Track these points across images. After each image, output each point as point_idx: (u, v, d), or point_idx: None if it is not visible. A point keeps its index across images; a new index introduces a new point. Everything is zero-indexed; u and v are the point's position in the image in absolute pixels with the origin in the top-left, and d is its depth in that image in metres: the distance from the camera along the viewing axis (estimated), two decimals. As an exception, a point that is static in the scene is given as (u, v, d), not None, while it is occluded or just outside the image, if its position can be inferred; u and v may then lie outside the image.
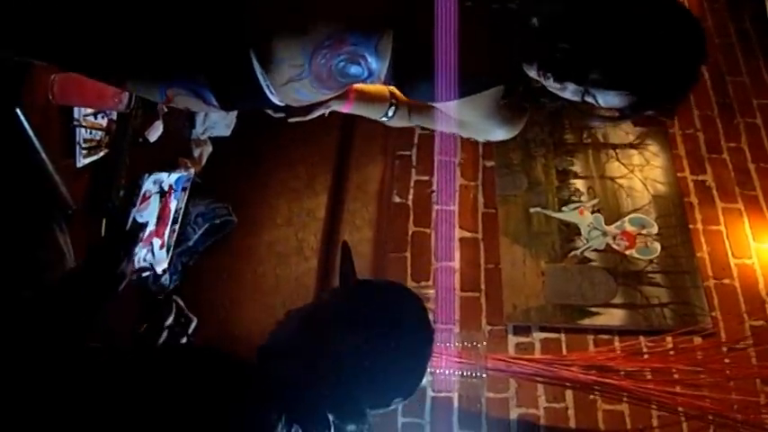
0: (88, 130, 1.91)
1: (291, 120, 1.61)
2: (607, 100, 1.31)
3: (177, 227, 2.21)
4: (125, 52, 1.42)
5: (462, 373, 2.56)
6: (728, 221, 3.11)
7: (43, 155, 1.75)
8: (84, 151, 1.90)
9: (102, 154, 1.96)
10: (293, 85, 1.38)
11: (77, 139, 1.88)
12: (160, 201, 2.16)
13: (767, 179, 3.24)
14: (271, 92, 1.41)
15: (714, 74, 3.53)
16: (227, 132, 2.60)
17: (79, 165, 1.90)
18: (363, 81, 1.44)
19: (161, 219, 2.18)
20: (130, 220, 2.01)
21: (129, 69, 1.46)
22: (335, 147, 2.83)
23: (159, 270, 2.14)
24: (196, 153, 2.54)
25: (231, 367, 1.25)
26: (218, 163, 2.57)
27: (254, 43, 1.35)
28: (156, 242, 2.15)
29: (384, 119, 1.63)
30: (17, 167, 1.72)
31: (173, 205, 2.22)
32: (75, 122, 1.87)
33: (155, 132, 2.18)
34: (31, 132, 1.70)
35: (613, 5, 1.30)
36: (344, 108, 1.63)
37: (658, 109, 1.38)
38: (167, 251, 2.17)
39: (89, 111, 1.92)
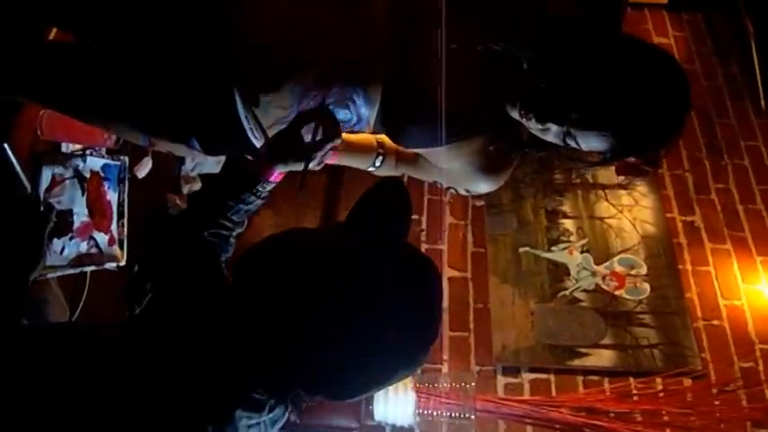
0: (75, 166, 1.90)
1: None
2: (588, 142, 1.30)
3: (125, 221, 2.08)
4: (107, 98, 1.42)
5: (451, 415, 2.53)
6: (717, 262, 3.12)
7: (30, 190, 1.74)
8: (72, 187, 1.89)
9: (89, 190, 1.95)
10: (279, 128, 1.38)
11: (64, 174, 1.87)
12: (81, 187, 1.97)
13: (755, 220, 3.26)
14: (255, 136, 1.40)
15: (702, 116, 3.56)
16: (216, 169, 2.59)
17: (66, 200, 1.89)
18: (352, 127, 1.43)
19: (96, 210, 2.02)
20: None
21: (111, 115, 1.46)
22: (324, 184, 2.83)
23: (114, 266, 2.06)
24: (185, 189, 2.54)
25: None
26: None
27: (240, 83, 1.34)
28: (100, 236, 2.02)
29: (371, 168, 1.62)
30: (2, 202, 1.71)
31: (111, 197, 2.07)
32: (63, 158, 1.86)
33: (143, 169, 2.18)
34: (17, 168, 1.69)
35: (595, 48, 1.30)
36: (331, 159, 1.62)
37: (640, 154, 1.37)
38: (120, 246, 2.07)
39: (77, 146, 1.92)
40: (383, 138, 1.57)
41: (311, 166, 1.31)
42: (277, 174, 1.33)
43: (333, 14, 1.36)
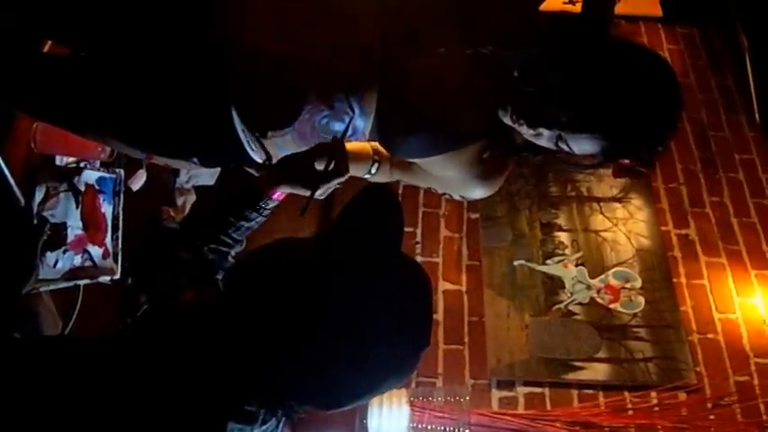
0: (70, 179, 1.90)
1: None
2: (580, 145, 1.31)
3: (120, 234, 2.10)
4: (102, 112, 1.42)
5: (445, 429, 2.52)
6: (712, 276, 3.11)
7: (23, 203, 1.74)
8: (65, 200, 1.88)
9: (83, 202, 1.94)
10: (275, 141, 1.38)
11: (58, 187, 1.86)
12: (75, 200, 1.98)
13: (750, 234, 3.26)
14: (252, 148, 1.40)
15: (696, 129, 3.58)
16: (211, 181, 2.59)
17: (59, 213, 1.88)
18: (348, 139, 1.43)
19: (91, 223, 2.03)
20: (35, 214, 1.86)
21: (107, 130, 1.46)
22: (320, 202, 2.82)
23: (108, 280, 2.04)
24: (179, 202, 2.53)
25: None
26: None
27: (236, 99, 1.35)
28: (94, 250, 2.02)
29: (367, 176, 1.63)
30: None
31: (106, 210, 2.08)
32: (57, 171, 1.86)
33: (138, 181, 2.17)
34: (11, 181, 1.69)
35: (583, 50, 1.30)
36: None
37: (633, 156, 1.37)
38: (114, 259, 2.07)
39: (71, 159, 1.91)
40: (378, 145, 1.58)
41: (316, 195, 1.32)
42: (280, 193, 1.33)
43: (326, 27, 1.37)
